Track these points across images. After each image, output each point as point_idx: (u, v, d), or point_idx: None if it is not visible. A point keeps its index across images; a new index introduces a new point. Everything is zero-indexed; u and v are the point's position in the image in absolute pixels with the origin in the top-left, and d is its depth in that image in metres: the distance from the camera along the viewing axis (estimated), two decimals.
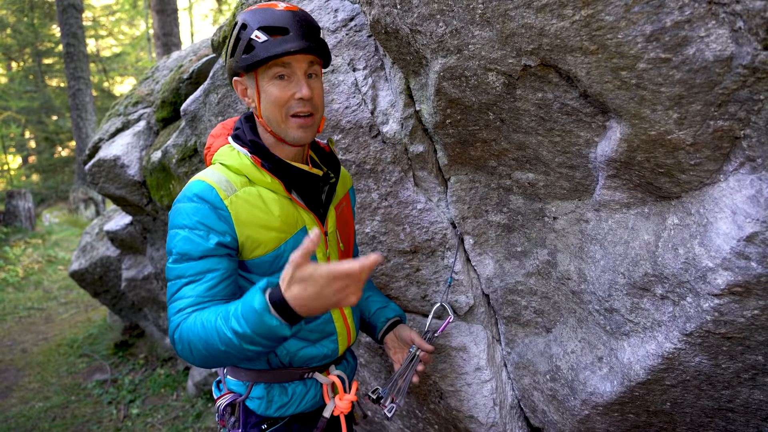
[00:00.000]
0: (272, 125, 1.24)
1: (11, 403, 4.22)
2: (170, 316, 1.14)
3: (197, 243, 1.15)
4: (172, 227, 1.19)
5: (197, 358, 1.09)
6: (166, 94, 3.30)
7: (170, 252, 1.17)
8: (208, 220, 1.16)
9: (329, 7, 1.92)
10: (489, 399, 1.86)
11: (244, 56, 1.19)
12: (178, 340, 1.10)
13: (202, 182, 1.20)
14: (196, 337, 1.06)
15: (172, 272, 1.16)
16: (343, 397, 1.39)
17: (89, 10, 17.41)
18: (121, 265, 4.68)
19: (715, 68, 1.00)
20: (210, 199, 1.17)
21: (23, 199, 10.94)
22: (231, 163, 1.25)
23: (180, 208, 1.18)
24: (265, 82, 1.20)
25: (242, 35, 1.19)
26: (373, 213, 1.91)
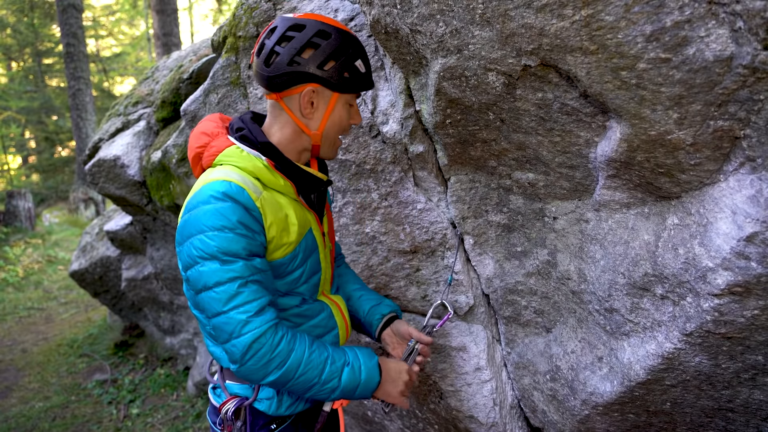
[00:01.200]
0: (325, 141, 1.32)
1: (11, 403, 4.23)
2: (241, 321, 1.08)
3: (244, 241, 1.11)
4: (200, 231, 1.11)
5: (281, 374, 1.12)
6: (166, 94, 3.30)
7: (211, 255, 1.09)
8: (246, 220, 1.13)
9: (329, 7, 1.92)
10: (489, 399, 1.86)
11: (345, 77, 1.25)
12: (265, 347, 1.08)
13: (228, 182, 1.15)
14: (295, 361, 1.13)
15: (223, 275, 1.09)
16: None
17: (89, 10, 17.41)
18: (121, 265, 4.68)
19: (715, 68, 1.00)
20: (242, 200, 1.14)
21: (23, 199, 10.94)
22: (244, 165, 1.21)
23: (210, 210, 1.11)
24: (340, 105, 1.29)
25: (344, 54, 1.23)
26: (373, 213, 1.91)
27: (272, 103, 1.30)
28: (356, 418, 2.53)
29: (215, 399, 1.37)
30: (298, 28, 1.22)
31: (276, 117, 1.30)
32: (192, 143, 1.30)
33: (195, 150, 1.28)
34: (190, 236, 1.13)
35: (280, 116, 1.29)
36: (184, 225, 1.15)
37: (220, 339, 1.12)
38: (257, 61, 1.26)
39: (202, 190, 1.15)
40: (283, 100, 1.26)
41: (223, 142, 1.26)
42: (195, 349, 4.32)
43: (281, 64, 1.21)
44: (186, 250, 1.13)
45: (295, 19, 1.23)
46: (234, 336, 1.09)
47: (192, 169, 1.32)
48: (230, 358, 1.12)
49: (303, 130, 1.28)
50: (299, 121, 1.27)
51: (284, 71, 1.21)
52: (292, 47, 1.20)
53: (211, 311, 1.11)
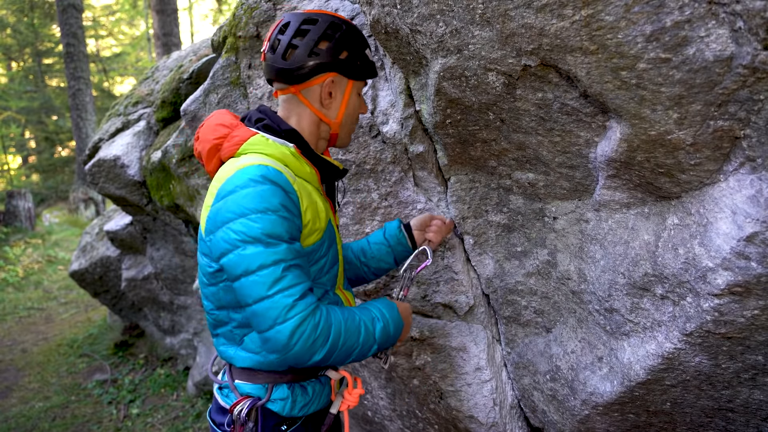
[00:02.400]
0: (343, 129, 1.37)
1: (11, 403, 4.23)
2: (288, 304, 1.05)
3: (287, 225, 1.10)
4: (242, 214, 1.08)
5: (328, 349, 1.11)
6: (166, 94, 3.30)
7: (254, 238, 1.06)
8: (287, 203, 1.11)
9: (329, 7, 1.92)
10: (489, 399, 1.86)
11: (358, 65, 1.31)
12: (309, 328, 1.07)
13: (264, 166, 1.13)
14: (338, 330, 1.13)
15: (267, 257, 1.06)
16: (353, 392, 1.39)
17: (89, 10, 17.42)
18: (121, 265, 4.68)
19: (715, 68, 1.00)
20: (281, 182, 1.12)
21: (23, 199, 10.94)
22: (271, 152, 1.21)
23: (250, 193, 1.09)
24: (355, 93, 1.36)
25: (355, 43, 1.30)
26: (373, 213, 1.91)
27: (287, 98, 1.31)
28: (356, 418, 2.53)
29: (224, 399, 1.32)
30: (311, 21, 1.25)
31: (291, 110, 1.31)
32: (207, 135, 1.28)
33: (212, 141, 1.26)
34: (227, 221, 1.10)
35: (296, 108, 1.31)
36: (218, 211, 1.12)
37: (261, 326, 1.08)
38: (272, 57, 1.27)
39: (237, 174, 1.12)
40: (302, 93, 1.29)
41: (246, 131, 1.25)
42: (195, 349, 4.32)
43: (301, 56, 1.23)
44: (223, 236, 1.10)
45: (306, 14, 1.27)
46: (279, 321, 1.05)
47: (204, 162, 1.30)
48: (273, 346, 1.08)
49: (322, 119, 1.32)
50: (318, 111, 1.30)
51: (305, 63, 1.24)
52: (309, 39, 1.23)
53: (253, 296, 1.07)
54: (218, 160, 1.27)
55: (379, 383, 2.23)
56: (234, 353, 1.29)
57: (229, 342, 1.30)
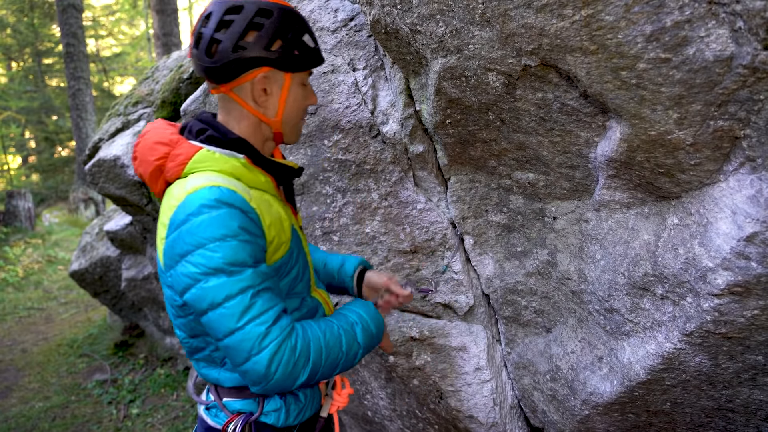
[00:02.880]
0: (286, 127, 1.24)
1: (11, 403, 4.23)
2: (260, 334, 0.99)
3: (249, 248, 1.02)
4: (199, 244, 1.00)
5: (306, 373, 1.05)
6: (166, 94, 3.30)
7: (216, 269, 0.99)
8: (247, 225, 1.04)
9: (329, 7, 1.92)
10: (489, 399, 1.86)
11: (296, 54, 1.15)
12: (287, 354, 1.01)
13: (216, 187, 1.04)
14: (318, 349, 1.08)
15: (233, 286, 0.99)
16: (342, 392, 1.37)
17: (89, 10, 17.41)
18: (121, 265, 4.68)
19: (715, 68, 1.00)
20: (238, 203, 1.04)
21: (23, 199, 10.94)
22: (221, 167, 1.11)
23: (205, 220, 1.00)
24: (295, 86, 1.21)
25: (290, 30, 1.14)
26: (373, 213, 1.91)
27: (221, 97, 1.19)
28: (356, 418, 2.53)
29: (213, 420, 1.26)
30: (235, 10, 1.11)
31: (229, 111, 1.20)
32: (146, 156, 1.15)
33: (153, 163, 1.13)
34: (185, 254, 1.01)
35: (233, 110, 1.19)
36: (173, 244, 1.03)
37: (237, 359, 1.02)
38: (197, 54, 1.14)
39: (188, 200, 1.03)
40: (233, 91, 1.16)
41: (189, 148, 1.13)
42: None
43: (225, 52, 1.10)
44: (182, 271, 1.02)
45: (230, 1, 1.12)
46: (254, 353, 0.99)
47: (150, 185, 1.18)
48: (252, 378, 1.02)
49: (261, 119, 1.19)
50: (255, 111, 1.18)
51: (230, 59, 1.10)
52: (233, 32, 1.10)
53: (222, 330, 1.00)
54: (164, 181, 1.16)
55: (379, 383, 2.23)
56: (218, 375, 1.23)
57: (211, 365, 1.24)
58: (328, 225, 2.01)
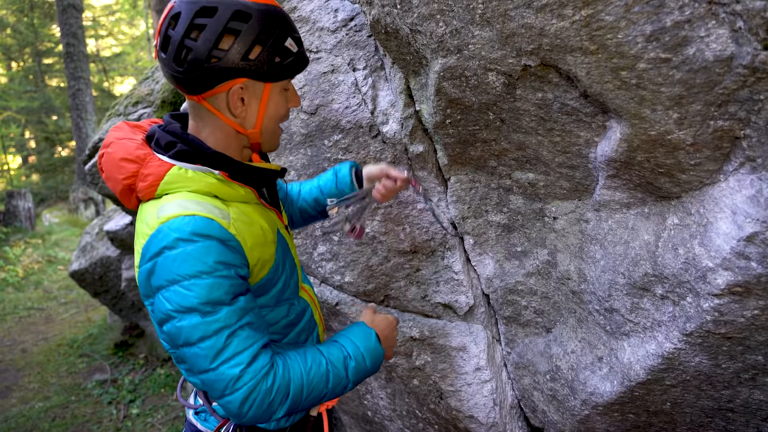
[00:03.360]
0: (265, 135, 1.15)
1: (11, 403, 4.23)
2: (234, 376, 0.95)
3: (225, 285, 0.97)
4: (173, 281, 0.95)
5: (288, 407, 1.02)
6: (166, 94, 3.30)
7: (190, 308, 0.95)
8: (224, 257, 0.97)
9: (329, 7, 1.92)
10: (489, 399, 1.86)
11: (277, 62, 1.05)
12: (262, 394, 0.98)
13: (190, 217, 0.97)
14: (296, 388, 1.03)
15: (208, 327, 0.95)
16: None
17: (89, 10, 17.42)
18: (121, 265, 4.68)
19: (715, 68, 1.00)
20: (215, 233, 0.97)
21: (23, 199, 10.95)
22: (197, 187, 1.03)
23: (179, 255, 0.95)
24: (276, 94, 1.11)
25: (271, 36, 1.03)
26: (373, 213, 1.91)
27: (193, 105, 1.09)
28: (356, 418, 2.53)
29: (203, 425, 1.23)
30: (208, 11, 0.98)
31: (202, 119, 1.09)
32: (113, 173, 1.06)
33: (122, 182, 1.05)
34: (160, 288, 0.97)
35: (206, 118, 1.09)
36: (148, 276, 0.98)
37: (212, 395, 1.00)
38: (164, 58, 1.02)
39: (162, 232, 0.96)
40: (207, 101, 1.06)
41: (158, 167, 1.04)
42: None
43: (197, 61, 0.99)
44: (158, 305, 0.98)
45: (201, 1, 0.99)
46: (227, 392, 0.97)
47: (122, 201, 1.10)
48: (228, 412, 1.00)
49: (238, 130, 1.10)
50: (231, 122, 1.08)
51: (203, 69, 0.99)
52: (206, 39, 0.98)
53: (197, 368, 0.98)
54: (136, 199, 1.09)
55: (379, 383, 2.23)
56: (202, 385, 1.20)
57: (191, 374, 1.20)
58: (328, 225, 2.02)
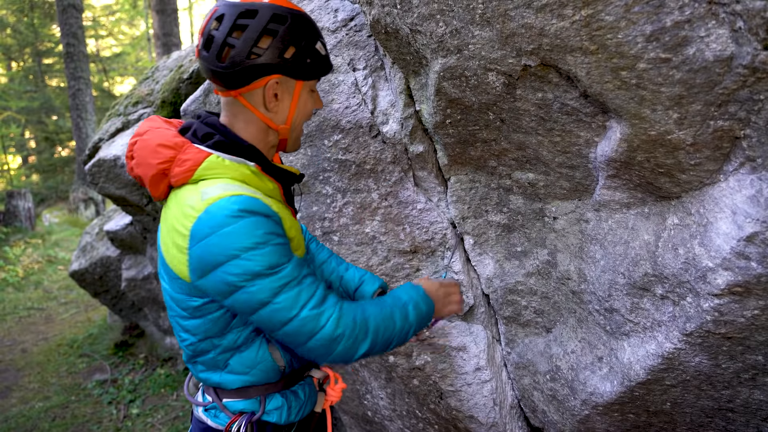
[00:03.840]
0: (293, 133, 1.25)
1: (11, 403, 4.23)
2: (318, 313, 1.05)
3: (280, 249, 1.05)
4: (232, 256, 1.01)
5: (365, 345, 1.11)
6: (166, 94, 3.31)
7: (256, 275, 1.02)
8: (272, 228, 1.05)
9: (329, 7, 1.92)
10: (489, 399, 1.86)
11: (308, 62, 1.15)
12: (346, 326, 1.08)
13: (237, 196, 1.04)
14: (373, 326, 1.13)
15: (275, 284, 1.03)
16: (335, 387, 1.38)
17: (89, 10, 17.42)
18: (121, 265, 4.68)
19: (715, 68, 1.00)
20: (260, 209, 1.05)
21: (23, 199, 10.94)
22: (233, 175, 1.11)
23: (232, 231, 1.01)
24: (306, 92, 1.21)
25: (303, 38, 1.13)
26: (373, 213, 1.91)
27: (229, 101, 1.17)
28: (356, 418, 2.53)
29: (214, 421, 1.26)
30: (250, 14, 1.08)
31: (236, 115, 1.18)
32: (147, 158, 1.12)
33: (156, 167, 1.11)
34: (218, 265, 1.03)
35: (241, 113, 1.17)
36: (201, 256, 1.04)
37: (299, 341, 1.07)
38: (207, 56, 1.11)
39: (210, 212, 1.03)
40: (243, 96, 1.15)
41: (197, 154, 1.11)
42: None
43: (238, 57, 1.08)
44: (220, 279, 1.04)
45: (244, 4, 1.09)
46: (315, 331, 1.06)
47: (150, 188, 1.15)
48: (317, 354, 1.09)
49: (269, 125, 1.19)
50: (264, 117, 1.17)
51: (243, 65, 1.08)
52: (248, 38, 1.07)
53: (279, 322, 1.05)
54: (166, 185, 1.14)
55: (379, 383, 2.23)
56: (220, 378, 1.23)
57: (211, 369, 1.24)
58: (328, 225, 2.02)
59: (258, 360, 1.21)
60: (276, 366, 1.23)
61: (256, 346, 1.20)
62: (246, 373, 1.21)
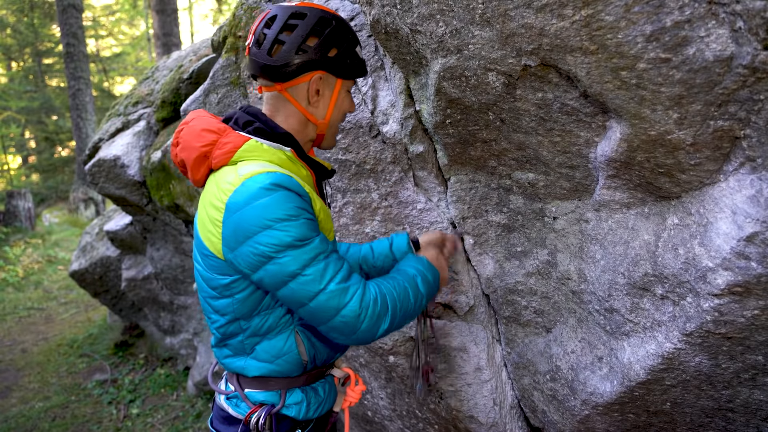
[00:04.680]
0: (330, 130, 1.32)
1: (11, 403, 4.23)
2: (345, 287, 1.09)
3: (309, 224, 1.10)
4: (265, 226, 1.06)
5: (386, 321, 1.15)
6: (166, 94, 3.31)
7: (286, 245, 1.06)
8: (303, 204, 1.11)
9: (329, 7, 1.92)
10: (489, 399, 1.86)
11: (348, 63, 1.25)
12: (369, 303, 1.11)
13: (272, 173, 1.10)
14: (392, 301, 1.16)
15: (305, 257, 1.07)
16: (355, 388, 1.40)
17: (89, 10, 17.42)
18: (121, 265, 4.68)
19: (715, 68, 1.00)
20: (293, 186, 1.10)
21: (23, 199, 10.94)
22: (269, 158, 1.17)
23: (267, 203, 1.06)
24: (344, 92, 1.30)
25: (345, 41, 1.23)
26: (373, 213, 1.91)
27: (273, 95, 1.25)
28: (356, 418, 2.53)
29: (235, 410, 1.29)
30: (299, 16, 1.19)
31: (278, 109, 1.26)
32: (191, 142, 1.20)
33: (200, 149, 1.19)
34: (251, 235, 1.07)
35: (283, 107, 1.25)
36: (236, 227, 1.09)
37: (324, 317, 1.10)
38: (257, 52, 1.20)
39: (246, 185, 1.09)
40: (287, 91, 1.23)
41: (238, 137, 1.19)
42: (195, 349, 4.32)
43: (288, 53, 1.18)
44: (251, 250, 1.08)
45: (294, 7, 1.20)
46: (341, 306, 1.09)
47: (190, 170, 1.22)
48: (341, 331, 1.11)
49: (309, 119, 1.27)
50: (305, 111, 1.25)
51: (291, 60, 1.18)
52: (297, 35, 1.18)
53: (308, 295, 1.09)
54: (207, 168, 1.21)
55: (379, 383, 2.23)
56: (244, 363, 1.26)
57: (238, 353, 1.27)
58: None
59: (284, 350, 1.24)
60: (300, 360, 1.26)
61: (285, 336, 1.24)
62: (270, 362, 1.24)
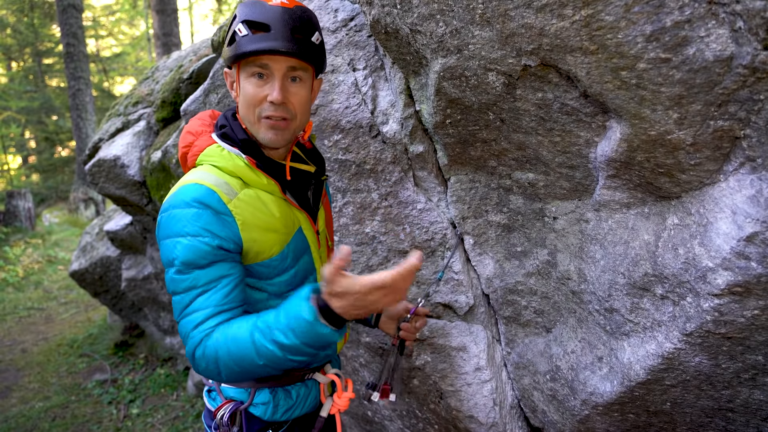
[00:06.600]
0: (246, 124, 1.21)
1: (11, 403, 4.23)
2: (188, 332, 1.07)
3: (204, 250, 1.07)
4: (168, 236, 1.09)
5: (225, 374, 1.06)
6: (166, 94, 3.30)
7: (171, 262, 1.09)
8: (213, 227, 1.08)
9: (329, 7, 1.92)
10: (489, 399, 1.86)
11: (227, 48, 1.17)
12: (201, 357, 1.05)
13: (199, 186, 1.10)
14: (226, 355, 1.03)
15: (180, 284, 1.08)
16: (342, 395, 1.38)
17: (89, 10, 17.41)
18: (121, 265, 4.68)
19: (715, 68, 1.00)
20: (213, 204, 1.09)
21: (23, 199, 10.94)
22: (224, 164, 1.16)
23: (177, 215, 1.09)
24: (243, 78, 1.16)
25: (232, 26, 1.17)
26: (373, 213, 1.91)
27: None
28: (356, 418, 2.53)
29: (210, 402, 1.33)
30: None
31: None
32: (180, 143, 1.28)
33: (181, 150, 1.26)
34: (161, 239, 1.12)
35: None
36: (158, 226, 1.14)
37: None
38: None
39: (175, 193, 1.12)
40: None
41: (205, 140, 1.21)
42: None
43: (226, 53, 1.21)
44: (161, 251, 1.14)
45: None
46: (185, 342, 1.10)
47: (183, 169, 1.29)
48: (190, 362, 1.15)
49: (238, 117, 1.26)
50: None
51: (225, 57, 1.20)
52: None
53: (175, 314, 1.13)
54: (189, 168, 1.25)
55: None
56: None
57: None
58: None
59: None
60: None
61: None
62: None
